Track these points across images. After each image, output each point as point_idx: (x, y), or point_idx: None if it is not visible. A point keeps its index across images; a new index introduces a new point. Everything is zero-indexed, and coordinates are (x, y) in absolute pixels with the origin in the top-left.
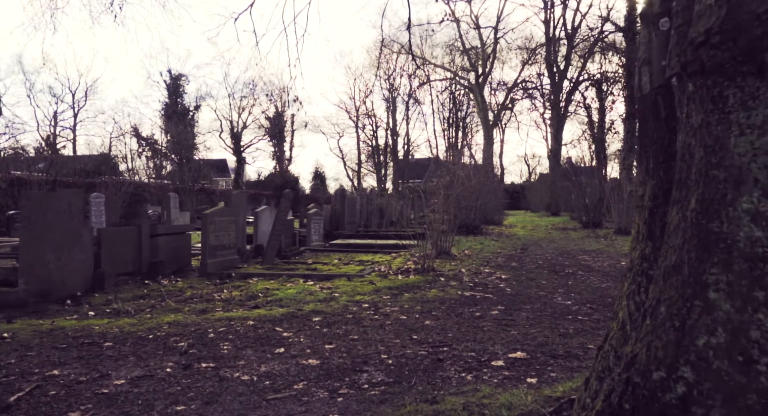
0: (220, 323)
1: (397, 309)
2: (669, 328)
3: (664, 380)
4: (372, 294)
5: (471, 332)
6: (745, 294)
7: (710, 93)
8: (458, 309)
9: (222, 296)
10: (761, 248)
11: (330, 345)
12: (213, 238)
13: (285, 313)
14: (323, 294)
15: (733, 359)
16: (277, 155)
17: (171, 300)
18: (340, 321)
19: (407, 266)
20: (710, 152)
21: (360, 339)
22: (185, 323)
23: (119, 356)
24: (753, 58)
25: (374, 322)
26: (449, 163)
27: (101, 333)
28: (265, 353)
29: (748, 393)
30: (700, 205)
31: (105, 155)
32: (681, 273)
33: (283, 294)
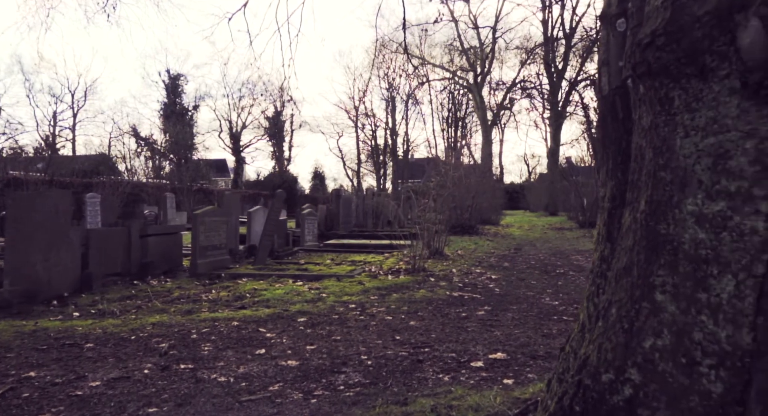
0: (205, 324)
1: (384, 310)
2: (619, 330)
3: (613, 382)
4: (360, 295)
5: (455, 332)
6: (689, 296)
7: (657, 95)
8: (445, 310)
9: (209, 297)
10: (704, 250)
11: (312, 345)
12: (203, 238)
13: (270, 314)
14: (311, 295)
15: (677, 361)
16: (276, 154)
17: (158, 301)
18: (324, 321)
19: (398, 266)
20: (658, 154)
21: (342, 340)
22: (169, 323)
23: (99, 357)
24: (695, 60)
25: (359, 323)
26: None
27: (84, 334)
28: (245, 354)
29: (690, 395)
30: (648, 207)
31: (103, 155)
32: (631, 275)
33: (270, 295)
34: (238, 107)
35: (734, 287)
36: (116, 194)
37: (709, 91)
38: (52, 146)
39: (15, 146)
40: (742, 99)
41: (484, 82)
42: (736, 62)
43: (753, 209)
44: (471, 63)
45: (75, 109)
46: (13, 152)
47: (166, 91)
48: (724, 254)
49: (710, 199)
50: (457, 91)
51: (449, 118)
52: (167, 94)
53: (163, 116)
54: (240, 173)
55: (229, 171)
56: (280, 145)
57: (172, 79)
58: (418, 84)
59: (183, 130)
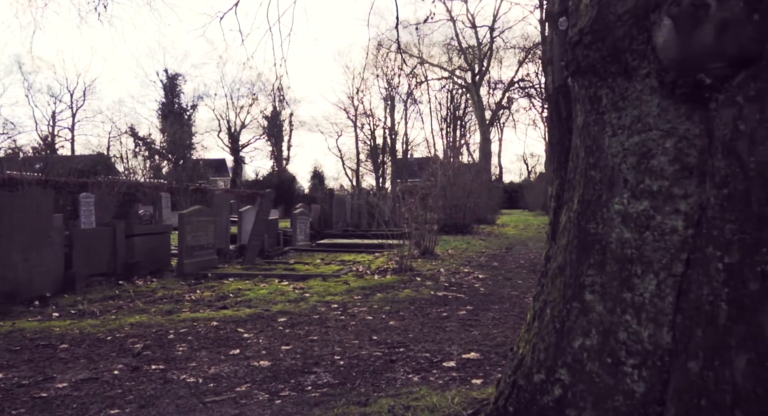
0: (184, 324)
1: (365, 310)
2: (551, 330)
3: (544, 382)
4: (344, 295)
5: (432, 332)
6: (615, 296)
7: (588, 93)
8: (426, 309)
9: (192, 297)
10: (630, 249)
11: (287, 346)
12: (190, 238)
13: (251, 314)
14: (294, 295)
15: (603, 361)
16: (274, 154)
17: (140, 301)
18: (304, 321)
19: (387, 266)
20: (589, 153)
21: (319, 340)
22: (148, 324)
23: (71, 358)
24: (618, 58)
25: (339, 323)
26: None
27: (60, 334)
28: (219, 354)
29: (615, 395)
30: (580, 206)
31: (101, 155)
32: (564, 274)
33: (254, 295)
34: (236, 106)
35: (656, 287)
36: (112, 194)
37: (633, 90)
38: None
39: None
40: (662, 98)
41: (482, 81)
42: (653, 61)
43: (673, 208)
44: (469, 62)
45: (74, 109)
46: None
47: (164, 90)
48: (647, 254)
49: (635, 198)
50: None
51: (448, 117)
52: (165, 93)
53: (161, 116)
54: (238, 173)
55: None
56: (279, 144)
57: (170, 79)
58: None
59: (181, 130)
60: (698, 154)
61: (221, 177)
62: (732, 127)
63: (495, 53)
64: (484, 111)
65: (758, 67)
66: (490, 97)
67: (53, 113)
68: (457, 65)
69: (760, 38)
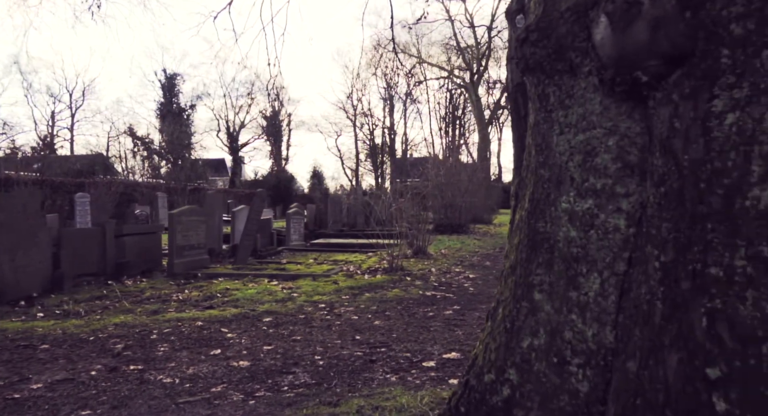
0: (168, 324)
1: (352, 309)
2: (502, 330)
3: (494, 382)
4: (332, 294)
5: (416, 332)
6: (562, 295)
7: (537, 91)
8: (413, 309)
9: (180, 297)
10: (575, 248)
11: (269, 346)
12: (180, 238)
13: (237, 314)
14: (282, 294)
15: (550, 360)
16: (273, 154)
17: (126, 301)
18: (290, 321)
19: (379, 265)
20: (539, 151)
21: (302, 340)
22: (132, 324)
23: (50, 358)
24: (563, 56)
25: (324, 322)
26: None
27: (42, 335)
28: (199, 354)
29: (561, 395)
30: (530, 204)
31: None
32: (515, 274)
33: (241, 295)
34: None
35: (599, 286)
36: (109, 194)
37: (578, 88)
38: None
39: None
40: (604, 96)
41: (481, 81)
42: (594, 58)
43: (615, 207)
44: (467, 62)
45: (73, 109)
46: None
47: (163, 90)
48: (592, 253)
49: (580, 197)
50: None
51: (447, 117)
52: (164, 93)
53: (159, 116)
54: (237, 173)
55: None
56: (278, 144)
57: (168, 79)
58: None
59: (179, 129)
60: (639, 152)
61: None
62: (668, 125)
63: (493, 53)
64: (482, 111)
65: (692, 64)
66: (488, 97)
67: (52, 113)
68: (456, 65)
69: (693, 36)
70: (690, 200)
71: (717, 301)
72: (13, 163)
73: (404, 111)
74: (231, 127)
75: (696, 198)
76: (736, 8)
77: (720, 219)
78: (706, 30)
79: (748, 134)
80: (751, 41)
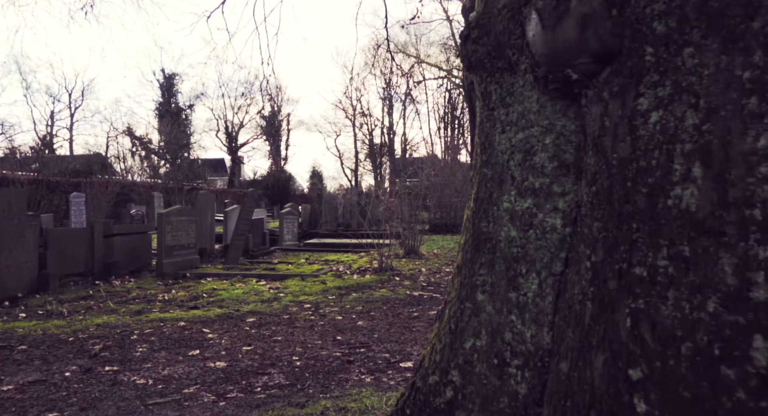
0: (150, 324)
1: (337, 310)
2: (447, 331)
3: (437, 384)
4: (318, 294)
5: (399, 332)
6: (503, 296)
7: (480, 89)
8: (398, 309)
9: (166, 297)
10: (516, 248)
11: (249, 346)
12: (170, 238)
13: (221, 314)
14: (269, 294)
15: (490, 362)
16: (272, 153)
17: (111, 301)
18: (273, 321)
19: (369, 265)
20: (483, 150)
21: (283, 341)
22: (114, 324)
23: (26, 360)
24: (502, 53)
25: (307, 323)
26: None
27: (22, 335)
28: (177, 355)
29: (501, 397)
30: (475, 204)
31: (97, 155)
32: (461, 274)
33: (227, 295)
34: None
35: (537, 286)
36: (105, 194)
37: (518, 86)
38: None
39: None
40: (540, 94)
41: None
42: (528, 56)
43: (553, 206)
44: None
45: (72, 109)
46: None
47: (161, 90)
48: (531, 253)
49: (521, 196)
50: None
51: (446, 117)
52: (162, 93)
53: (158, 116)
54: (236, 173)
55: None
56: (276, 144)
57: (167, 79)
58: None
59: (177, 129)
60: (575, 151)
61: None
62: (600, 123)
63: None
64: None
65: (620, 62)
66: None
67: (51, 113)
68: (455, 65)
69: (620, 33)
70: (618, 200)
71: (640, 301)
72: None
73: (403, 111)
74: (230, 127)
75: (623, 197)
76: (659, 6)
77: (644, 219)
78: (631, 28)
79: (671, 132)
80: (673, 39)
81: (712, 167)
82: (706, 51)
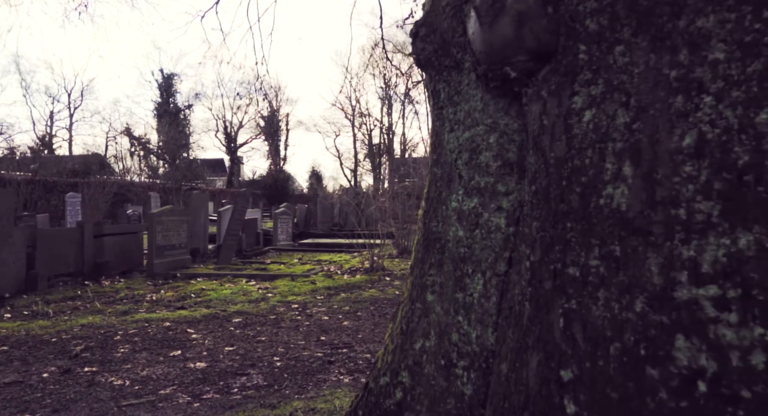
0: (136, 324)
1: (324, 310)
2: (399, 332)
3: (388, 385)
4: (307, 295)
5: (383, 333)
6: (450, 296)
7: (430, 87)
8: (385, 309)
9: (154, 298)
10: (463, 248)
11: (231, 347)
12: (160, 238)
13: (207, 314)
14: (257, 295)
15: (438, 363)
16: (271, 153)
17: (99, 302)
18: (259, 322)
19: (361, 265)
20: (434, 149)
21: (266, 341)
22: (99, 325)
23: (5, 361)
24: (448, 51)
25: (293, 323)
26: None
27: (5, 336)
28: (158, 356)
29: (448, 398)
30: (426, 203)
31: (96, 155)
32: (414, 274)
33: (216, 295)
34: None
35: (482, 287)
36: (102, 194)
37: (464, 84)
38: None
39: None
40: (484, 92)
41: None
42: (471, 54)
43: (497, 205)
44: None
45: (71, 109)
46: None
47: (160, 90)
48: (477, 253)
49: (467, 195)
50: None
51: None
52: (161, 93)
53: (156, 116)
54: (235, 173)
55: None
56: (276, 144)
57: (165, 79)
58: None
59: (176, 129)
60: (518, 150)
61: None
62: (539, 122)
63: None
64: None
65: (557, 60)
66: None
67: (51, 113)
68: None
69: (555, 31)
70: (554, 199)
71: (573, 302)
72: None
73: (402, 111)
74: (229, 127)
75: (558, 197)
76: (591, 4)
77: (578, 218)
78: (566, 25)
79: (603, 131)
80: (604, 37)
81: (642, 166)
82: (637, 49)
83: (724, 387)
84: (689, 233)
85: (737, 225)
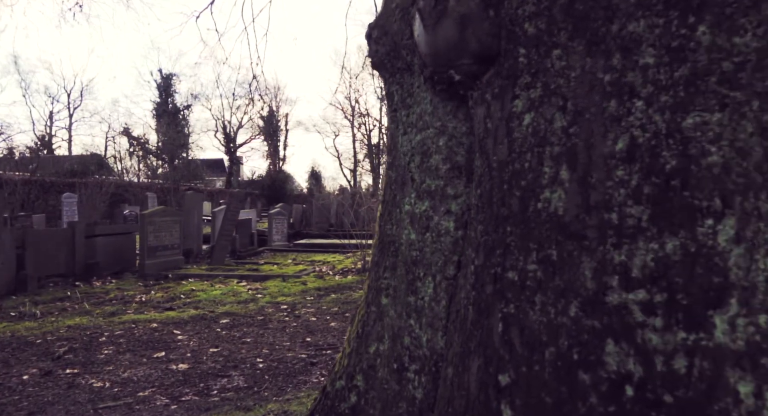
0: (122, 325)
1: (313, 311)
2: (355, 335)
3: (343, 389)
4: (297, 295)
5: None
6: (403, 300)
7: (384, 89)
8: None
9: (143, 298)
10: (415, 251)
11: (216, 348)
12: (152, 238)
13: (195, 315)
14: (247, 295)
15: (391, 366)
16: (270, 153)
17: (88, 303)
18: (246, 323)
19: (354, 266)
20: (389, 152)
21: (252, 342)
22: (86, 326)
23: None
24: (400, 54)
25: (280, 324)
26: None
27: None
28: (142, 357)
29: (400, 402)
30: (383, 207)
31: (94, 155)
32: (370, 277)
33: (205, 296)
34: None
35: (433, 290)
36: (100, 194)
37: (416, 87)
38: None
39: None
40: (433, 95)
41: None
42: (418, 56)
43: (446, 208)
44: None
45: (71, 109)
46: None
47: (159, 90)
48: (428, 256)
49: (419, 198)
50: None
51: None
52: (159, 93)
53: (155, 116)
54: (234, 173)
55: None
56: (275, 144)
57: (164, 79)
58: None
59: (174, 129)
60: (466, 153)
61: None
62: (483, 125)
63: None
64: None
65: (499, 64)
66: None
67: (50, 114)
68: None
69: (497, 34)
70: (496, 203)
71: (511, 306)
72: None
73: None
74: (228, 127)
75: (500, 200)
76: (529, 7)
77: (517, 222)
78: (506, 29)
79: (542, 135)
80: (542, 41)
81: (577, 170)
82: (573, 53)
83: (649, 392)
84: (621, 237)
85: (665, 230)
